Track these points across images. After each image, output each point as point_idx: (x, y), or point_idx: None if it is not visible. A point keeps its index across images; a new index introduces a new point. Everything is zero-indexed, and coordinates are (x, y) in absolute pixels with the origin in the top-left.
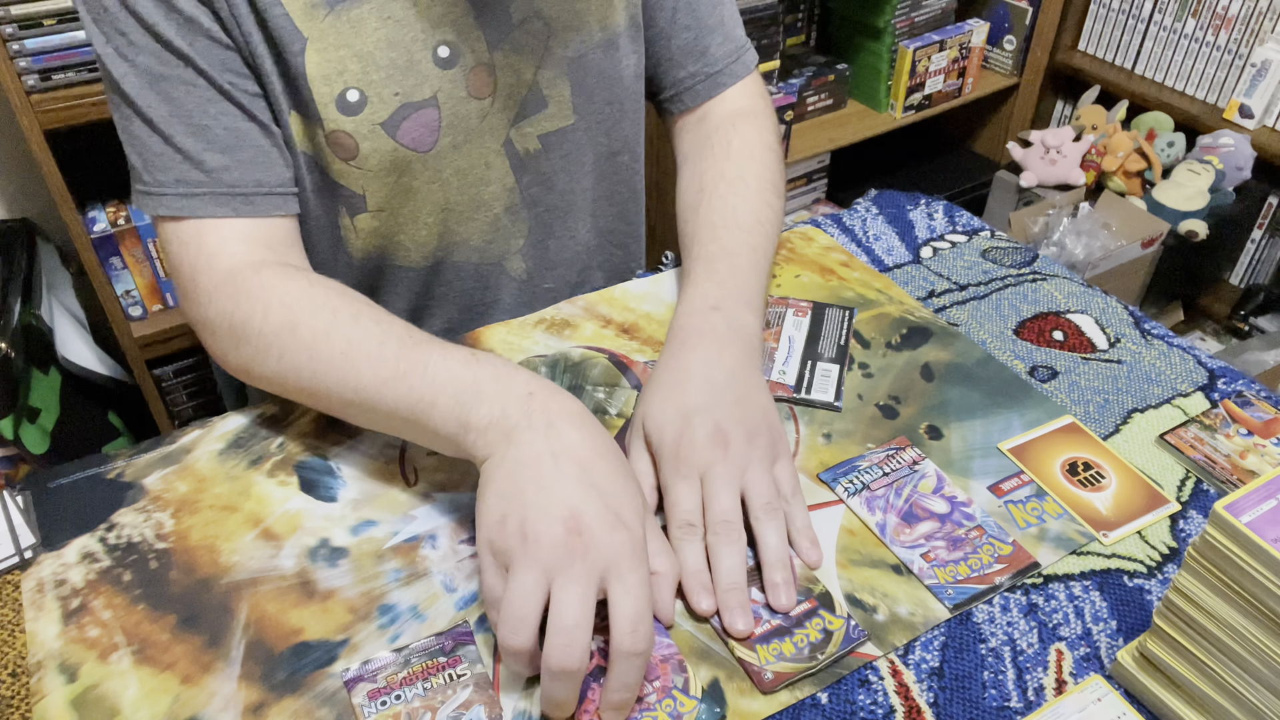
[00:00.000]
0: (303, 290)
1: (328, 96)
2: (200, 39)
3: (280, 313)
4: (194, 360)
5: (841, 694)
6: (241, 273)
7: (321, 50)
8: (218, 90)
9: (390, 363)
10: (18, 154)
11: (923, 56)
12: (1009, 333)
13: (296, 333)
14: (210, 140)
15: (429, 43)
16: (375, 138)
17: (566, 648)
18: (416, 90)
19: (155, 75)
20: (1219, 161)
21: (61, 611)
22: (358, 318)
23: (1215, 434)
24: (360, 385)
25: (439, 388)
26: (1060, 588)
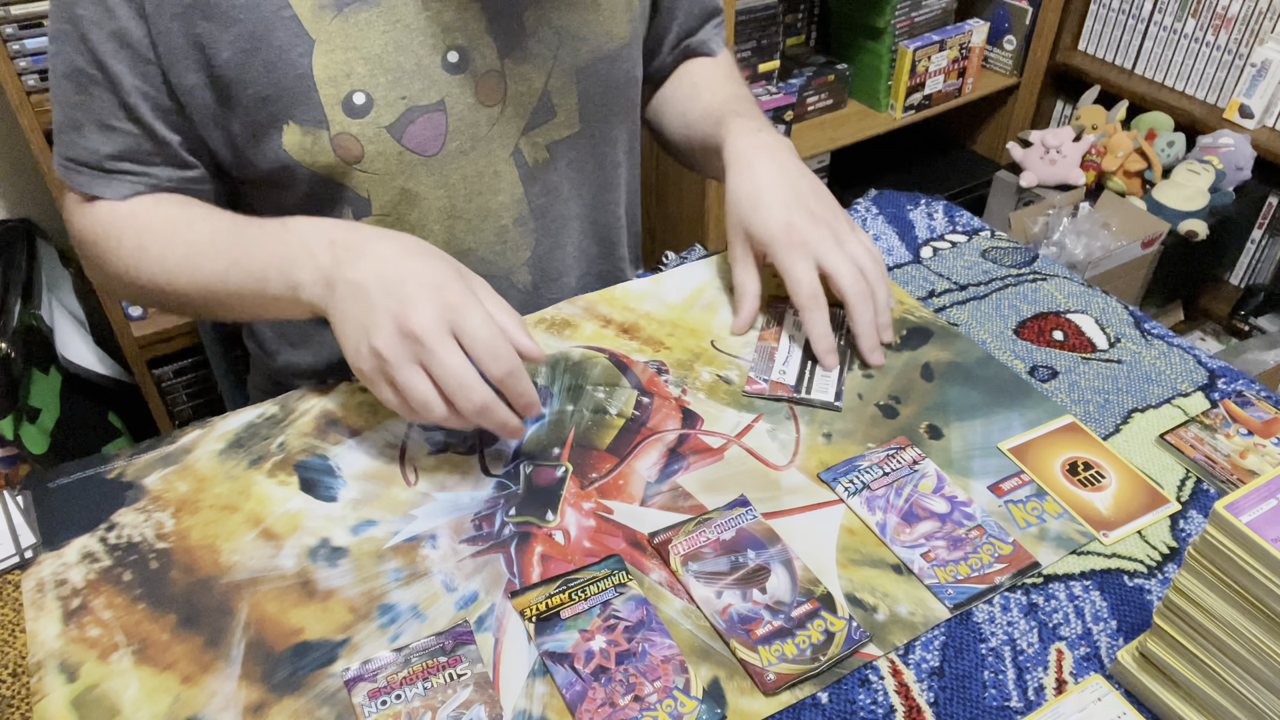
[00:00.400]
0: (148, 211)
1: (334, 98)
2: (126, 51)
3: (131, 238)
4: (194, 360)
5: (842, 694)
6: (101, 210)
7: (329, 52)
8: (124, 105)
9: (224, 254)
10: (18, 154)
11: (923, 56)
12: (1009, 333)
13: (147, 251)
14: (110, 138)
15: (438, 47)
16: (380, 141)
17: (465, 392)
18: (424, 94)
19: (77, 70)
20: (1219, 161)
21: (62, 611)
22: (191, 222)
23: (1215, 434)
24: (207, 281)
25: (265, 263)
26: (1060, 587)
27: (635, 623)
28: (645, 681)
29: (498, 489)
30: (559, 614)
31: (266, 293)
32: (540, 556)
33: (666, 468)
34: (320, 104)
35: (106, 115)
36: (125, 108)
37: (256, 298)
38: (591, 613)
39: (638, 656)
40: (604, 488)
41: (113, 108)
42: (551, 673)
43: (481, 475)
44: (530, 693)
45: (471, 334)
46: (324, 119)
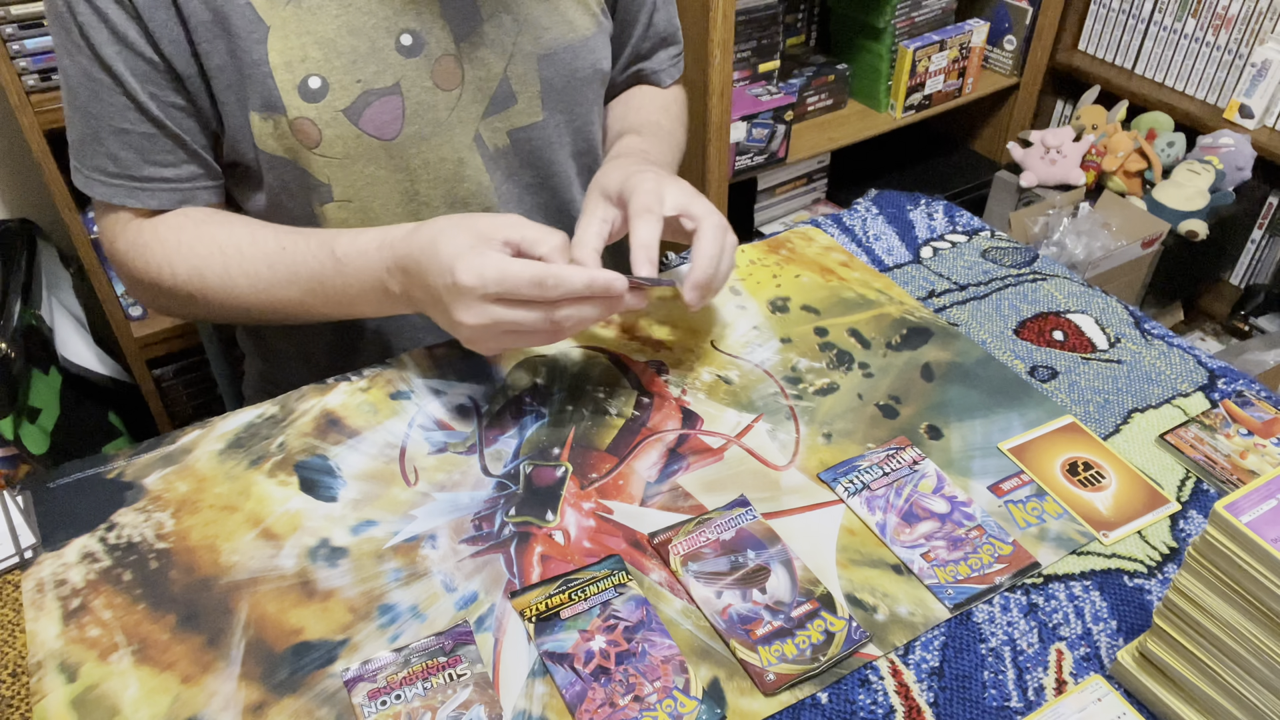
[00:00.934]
0: (193, 237)
1: (290, 83)
2: (126, 50)
3: (183, 266)
4: (194, 360)
5: (841, 694)
6: (140, 234)
7: (283, 37)
8: (135, 103)
9: (293, 283)
10: (18, 154)
11: (923, 56)
12: (1009, 333)
13: (205, 280)
14: (127, 141)
15: (391, 30)
16: (338, 124)
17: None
18: (378, 78)
19: (88, 76)
20: (1219, 161)
21: (61, 611)
22: (240, 250)
23: (1215, 434)
24: (281, 308)
25: (346, 294)
26: (1060, 588)
27: (635, 623)
28: (645, 681)
29: (498, 489)
30: (559, 614)
31: (360, 311)
32: (540, 556)
33: (666, 468)
34: (277, 89)
35: (119, 119)
36: (138, 107)
37: (348, 313)
38: (591, 613)
39: (638, 656)
40: (604, 488)
41: (124, 110)
42: (551, 673)
43: (481, 475)
44: (530, 693)
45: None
46: (281, 104)
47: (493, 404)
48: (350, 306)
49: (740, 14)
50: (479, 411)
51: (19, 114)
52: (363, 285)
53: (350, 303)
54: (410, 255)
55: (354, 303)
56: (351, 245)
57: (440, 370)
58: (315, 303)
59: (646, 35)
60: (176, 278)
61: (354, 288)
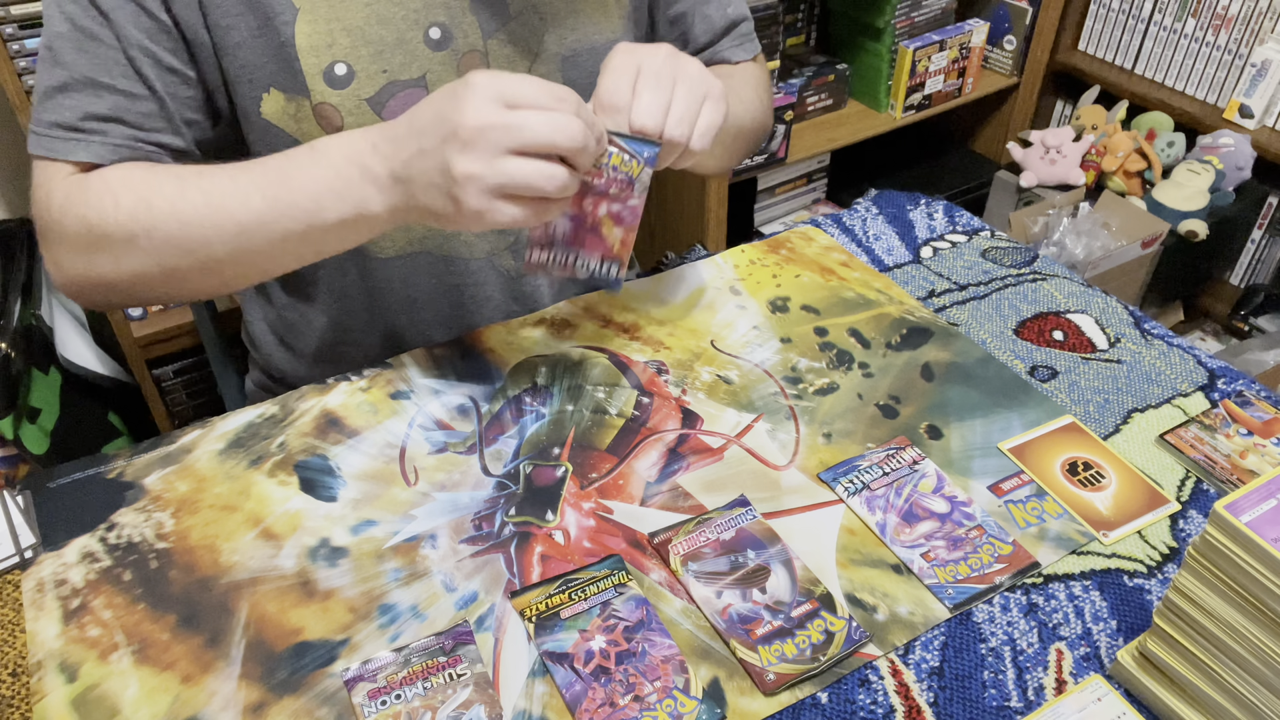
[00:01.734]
0: (144, 172)
1: (316, 68)
2: (129, 3)
3: (128, 196)
4: (194, 360)
5: (841, 693)
6: (83, 178)
7: (312, 21)
8: (126, 57)
9: (255, 194)
10: (18, 154)
11: (923, 56)
12: (1009, 333)
13: (153, 207)
14: (98, 95)
15: (421, 23)
16: (360, 113)
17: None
18: (404, 69)
19: (76, 24)
20: (1219, 161)
21: (62, 611)
22: (200, 172)
23: (1215, 434)
24: (239, 227)
25: (313, 192)
26: (1060, 587)
27: (635, 623)
28: (645, 681)
29: (498, 489)
30: (559, 614)
31: (323, 222)
32: (540, 556)
33: (666, 468)
34: (302, 72)
35: (101, 72)
36: (127, 60)
37: (308, 231)
38: (591, 613)
39: (638, 656)
40: (604, 488)
41: (110, 63)
42: (551, 673)
43: (481, 475)
44: (530, 693)
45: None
46: (306, 88)
47: (493, 404)
48: (316, 213)
49: None
50: (479, 411)
51: (19, 114)
52: (337, 168)
53: (317, 204)
54: (401, 120)
55: (320, 204)
56: (335, 136)
57: (440, 370)
58: (276, 213)
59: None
60: (119, 213)
61: (326, 176)
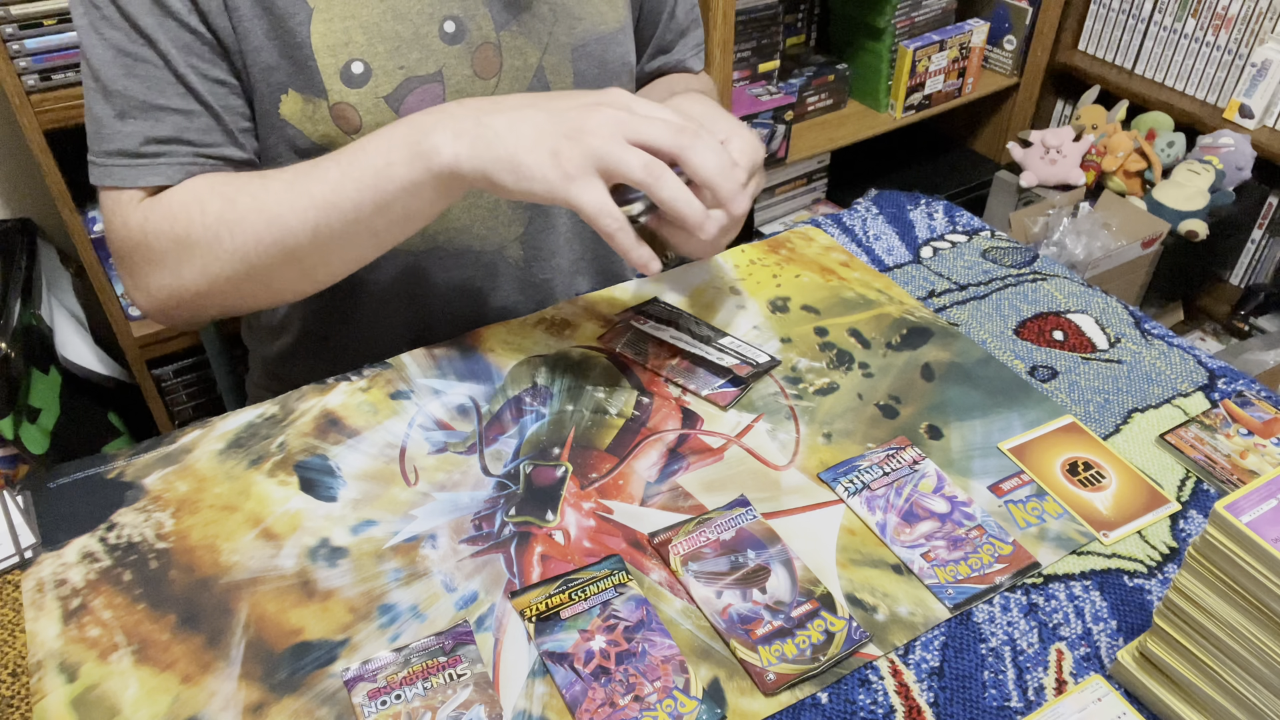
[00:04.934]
0: (221, 179)
1: (333, 67)
2: (169, 20)
3: (214, 199)
4: (194, 360)
5: (842, 694)
6: (159, 199)
7: (327, 20)
8: (175, 75)
9: (329, 168)
10: (18, 154)
11: (923, 56)
12: (1009, 333)
13: (237, 203)
14: (158, 118)
15: (435, 16)
16: (378, 111)
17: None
18: (421, 64)
19: (122, 50)
20: (1219, 161)
21: (61, 611)
22: (280, 169)
23: (1215, 434)
24: (316, 200)
25: (384, 152)
26: (1060, 588)
27: (635, 623)
28: (645, 681)
29: (498, 489)
30: (559, 614)
31: (391, 184)
32: (540, 556)
33: (666, 468)
34: (319, 72)
35: (155, 94)
36: (177, 78)
37: (378, 199)
38: (591, 613)
39: (638, 656)
40: (604, 488)
41: (163, 83)
42: (551, 673)
43: (481, 475)
44: (530, 693)
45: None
46: (323, 88)
47: (493, 404)
48: (386, 169)
49: (740, 14)
50: (479, 411)
51: (19, 114)
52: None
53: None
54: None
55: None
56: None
57: (440, 370)
58: (348, 181)
59: (669, 27)
60: (206, 215)
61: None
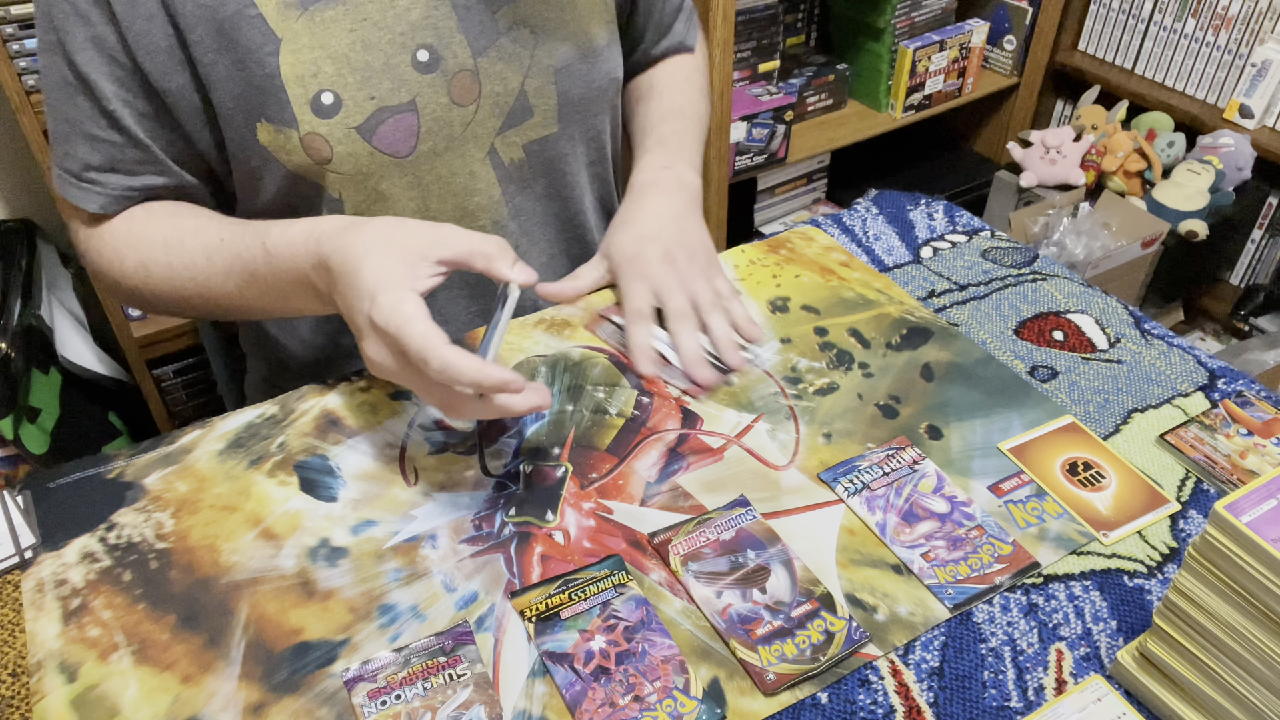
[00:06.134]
0: (141, 229)
1: (302, 98)
2: (101, 58)
3: (131, 258)
4: (194, 360)
5: (841, 694)
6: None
7: (295, 51)
8: (105, 112)
9: (230, 275)
10: (18, 154)
11: (923, 56)
12: (1009, 333)
13: (150, 274)
14: (95, 147)
15: (408, 46)
16: (350, 141)
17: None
18: (393, 95)
19: (63, 79)
20: (1219, 161)
21: (61, 611)
22: (183, 242)
23: (1215, 434)
24: (223, 299)
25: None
26: (1060, 588)
27: (635, 623)
28: (645, 681)
29: (498, 489)
30: (559, 614)
31: (293, 308)
32: (540, 556)
33: (666, 468)
34: (289, 103)
35: (90, 124)
36: (107, 115)
37: (283, 309)
38: (591, 613)
39: (638, 656)
40: (604, 488)
41: (95, 116)
42: (551, 673)
43: (481, 475)
44: (530, 693)
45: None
46: (293, 118)
47: None
48: (284, 300)
49: (740, 14)
50: None
51: (19, 114)
52: (291, 278)
53: (283, 296)
54: (335, 260)
55: (287, 297)
56: (281, 236)
57: None
58: (252, 296)
59: (665, 11)
60: (125, 270)
61: (284, 280)
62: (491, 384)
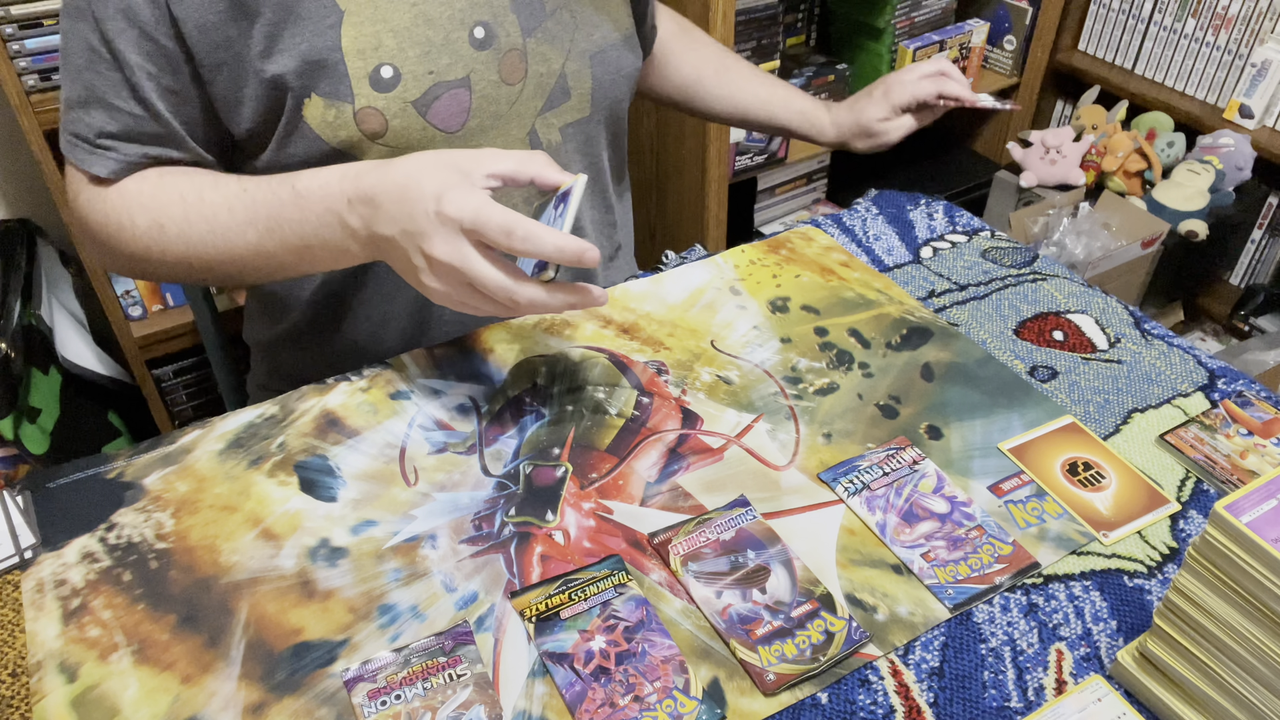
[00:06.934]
0: (154, 188)
1: (362, 71)
2: (133, 31)
3: (143, 218)
4: (194, 360)
5: (842, 694)
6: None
7: (357, 24)
8: (129, 83)
9: (250, 225)
10: (18, 154)
11: (923, 56)
12: (1009, 333)
13: (165, 230)
14: (113, 117)
15: (466, 22)
16: (405, 115)
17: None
18: (450, 70)
19: (88, 45)
20: (1219, 161)
21: (61, 611)
22: (201, 194)
23: (1215, 434)
24: (240, 253)
25: (301, 232)
26: (1060, 588)
27: (635, 623)
28: (645, 681)
29: (498, 489)
30: (559, 614)
31: (314, 255)
32: (540, 556)
33: (666, 468)
34: (347, 76)
35: (111, 94)
36: (130, 86)
37: (301, 259)
38: (591, 613)
39: (638, 656)
40: (604, 488)
41: (118, 86)
42: (551, 673)
43: (481, 475)
44: (530, 693)
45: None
46: (349, 92)
47: (493, 404)
48: (305, 250)
49: (740, 14)
50: (479, 411)
51: (19, 114)
52: (320, 219)
53: (305, 244)
54: (382, 187)
55: (309, 244)
56: (314, 179)
57: (440, 370)
58: (271, 245)
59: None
60: (136, 230)
61: (310, 222)
62: (572, 250)
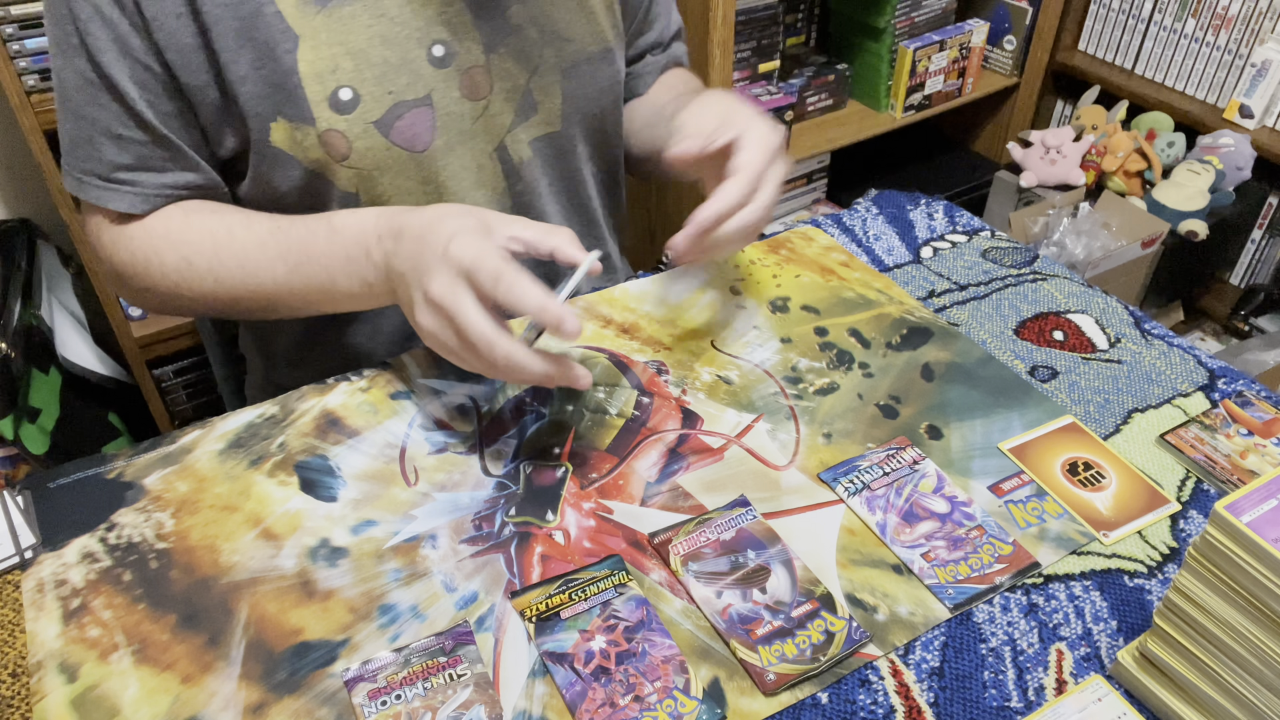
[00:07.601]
0: (181, 225)
1: (320, 94)
2: (127, 60)
3: (171, 254)
4: (194, 360)
5: (842, 694)
6: (126, 228)
7: (314, 48)
8: (131, 111)
9: (279, 260)
10: (18, 154)
11: (923, 56)
12: (1009, 333)
13: (194, 266)
14: (122, 148)
15: (424, 41)
16: (368, 136)
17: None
18: (409, 89)
19: (83, 79)
20: (1219, 161)
21: (62, 611)
22: (231, 231)
23: (1215, 434)
24: (268, 289)
25: (328, 266)
26: (1060, 588)
27: (635, 623)
28: (645, 681)
29: (498, 489)
30: (559, 614)
31: (337, 291)
32: (540, 556)
33: (666, 468)
34: (306, 100)
35: (115, 124)
36: (132, 114)
37: (325, 297)
38: (591, 613)
39: (638, 656)
40: (604, 488)
41: (120, 115)
42: (551, 673)
43: (481, 475)
44: (530, 693)
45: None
46: (310, 115)
47: (493, 404)
48: (330, 285)
49: (740, 14)
50: (479, 411)
51: (19, 114)
52: (348, 253)
53: (331, 278)
54: (410, 224)
55: (334, 278)
56: (351, 216)
57: (440, 370)
58: (298, 281)
59: (666, 30)
60: (165, 267)
61: (338, 255)
62: (553, 314)
